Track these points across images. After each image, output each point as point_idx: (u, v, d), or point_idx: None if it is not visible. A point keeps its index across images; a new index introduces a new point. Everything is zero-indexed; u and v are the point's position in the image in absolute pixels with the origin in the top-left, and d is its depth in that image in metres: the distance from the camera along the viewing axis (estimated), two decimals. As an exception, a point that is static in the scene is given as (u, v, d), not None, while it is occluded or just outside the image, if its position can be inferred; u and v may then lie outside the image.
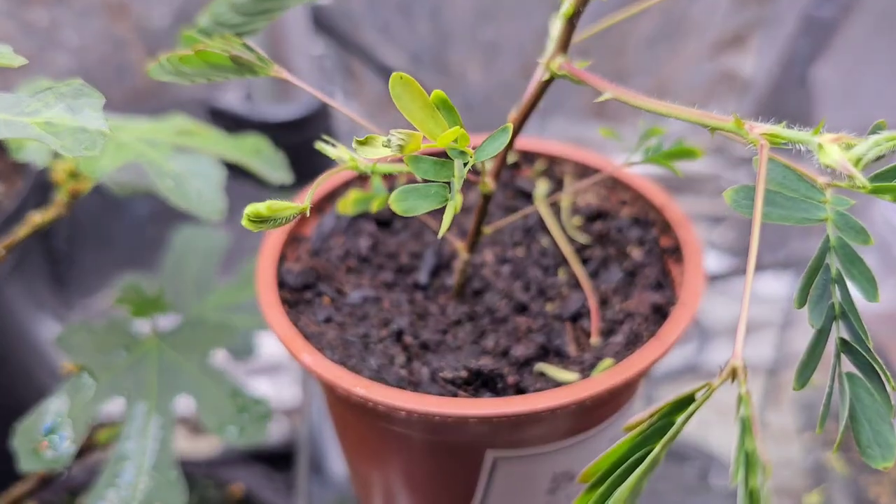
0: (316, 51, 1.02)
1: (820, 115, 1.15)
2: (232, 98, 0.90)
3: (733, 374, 0.27)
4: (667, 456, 0.50)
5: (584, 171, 0.64)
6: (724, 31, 1.13)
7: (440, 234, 0.31)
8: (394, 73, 0.34)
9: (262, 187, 0.70)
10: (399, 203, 0.33)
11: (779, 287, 1.19)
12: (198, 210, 0.56)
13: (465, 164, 0.35)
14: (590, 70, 0.44)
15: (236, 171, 0.67)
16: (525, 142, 0.66)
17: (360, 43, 1.02)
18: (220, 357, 0.71)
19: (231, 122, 0.89)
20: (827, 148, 0.34)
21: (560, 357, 0.52)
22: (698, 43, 1.14)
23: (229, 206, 0.60)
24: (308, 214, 0.37)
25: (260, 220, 0.35)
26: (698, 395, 0.27)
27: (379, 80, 1.04)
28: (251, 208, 0.35)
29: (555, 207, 0.62)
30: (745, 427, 0.25)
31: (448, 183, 0.35)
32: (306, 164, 0.71)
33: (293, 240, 0.59)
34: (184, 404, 0.69)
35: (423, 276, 0.57)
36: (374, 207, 0.54)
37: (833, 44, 1.12)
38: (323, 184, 0.54)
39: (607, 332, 0.53)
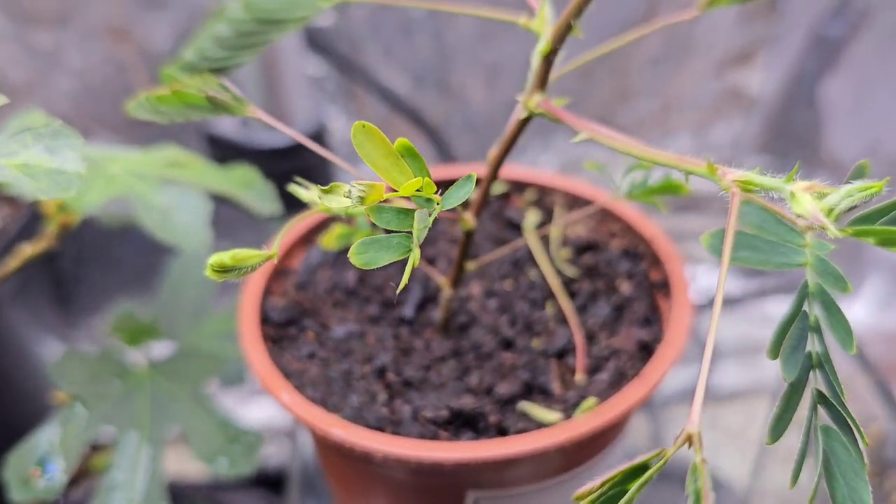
0: (315, 72, 1.02)
1: (828, 133, 1.14)
2: (228, 124, 0.90)
3: (689, 441, 0.26)
4: (670, 480, 0.49)
5: (574, 201, 0.63)
6: (730, 49, 1.12)
7: (399, 289, 0.31)
8: (356, 123, 0.34)
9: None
10: (359, 256, 0.32)
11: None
12: (184, 244, 0.55)
13: (431, 213, 0.35)
14: (593, 89, 0.43)
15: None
16: (516, 171, 0.65)
17: (361, 65, 1.02)
18: (211, 385, 0.71)
19: (227, 149, 0.89)
20: (799, 197, 0.33)
21: (544, 395, 0.51)
22: (704, 61, 1.13)
23: (228, 230, 0.60)
24: (276, 260, 0.37)
25: (223, 270, 0.35)
26: (652, 463, 0.26)
27: (381, 102, 1.04)
28: (215, 259, 0.34)
29: (544, 239, 0.61)
30: (698, 500, 0.25)
31: (411, 233, 0.34)
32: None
33: (280, 273, 0.59)
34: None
35: (408, 310, 0.57)
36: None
37: (841, 61, 1.10)
38: (303, 221, 0.54)
39: (593, 370, 0.52)
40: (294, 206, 0.68)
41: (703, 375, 0.27)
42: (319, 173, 0.95)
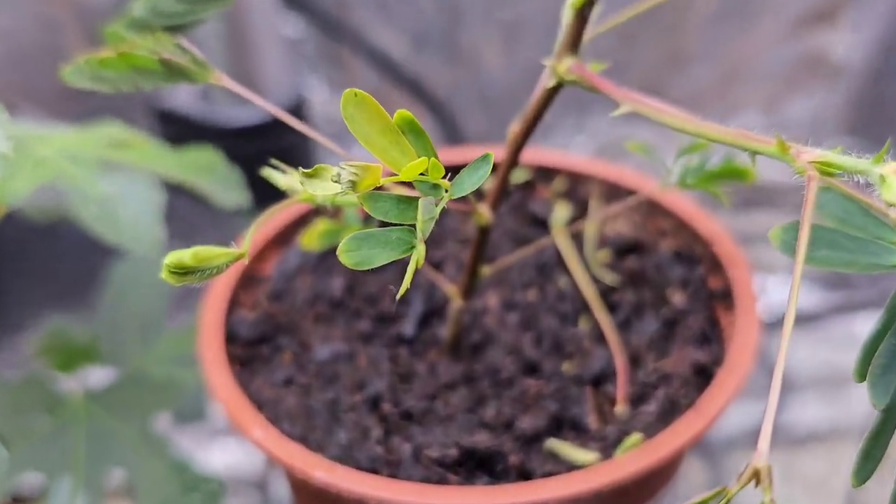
0: (292, 33, 1.03)
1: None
2: (185, 97, 0.91)
3: (756, 478, 0.27)
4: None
5: (614, 191, 0.64)
6: (809, 6, 1.13)
7: (398, 297, 0.31)
8: (346, 91, 0.34)
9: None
10: (350, 254, 0.33)
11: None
12: (130, 243, 0.56)
13: (438, 202, 0.35)
14: (638, 54, 0.44)
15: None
16: (542, 155, 0.66)
17: (348, 23, 1.03)
18: (164, 421, 0.72)
19: (183, 127, 0.90)
20: (890, 182, 0.34)
21: (577, 431, 0.52)
22: (776, 20, 1.14)
23: (185, 227, 0.61)
24: (247, 261, 0.38)
25: (183, 271, 0.35)
26: (712, 505, 0.27)
27: (373, 70, 1.05)
28: (173, 258, 0.35)
29: (577, 238, 0.62)
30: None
31: (414, 226, 0.35)
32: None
33: (249, 280, 0.60)
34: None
35: (409, 326, 0.57)
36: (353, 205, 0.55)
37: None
38: (279, 214, 0.55)
39: (637, 399, 0.53)
40: (266, 197, 0.69)
41: (771, 403, 0.28)
42: (298, 156, 0.96)
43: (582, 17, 0.43)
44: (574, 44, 0.44)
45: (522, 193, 0.66)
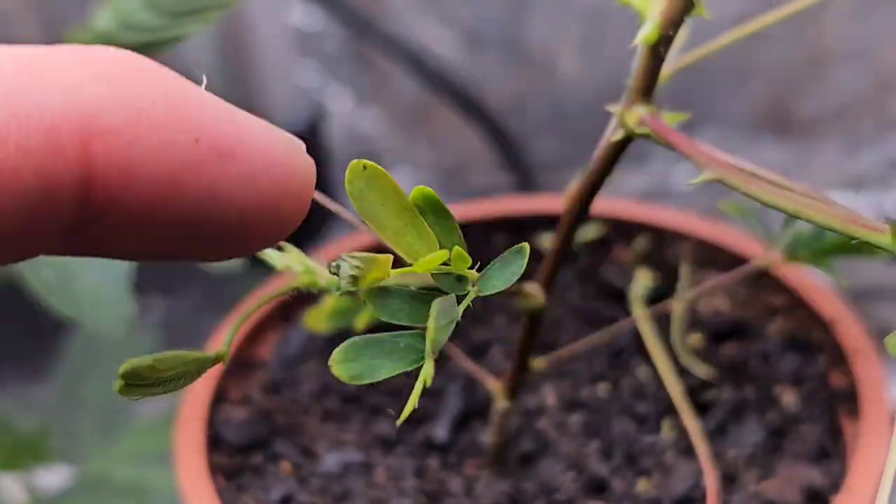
0: (307, 25, 1.05)
1: None
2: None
3: None
4: None
5: (710, 255, 0.66)
6: None
7: (399, 422, 0.34)
8: (352, 164, 0.37)
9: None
10: (345, 366, 0.35)
11: None
12: (92, 318, 0.59)
13: (461, 299, 0.38)
14: (765, 54, 0.46)
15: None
16: (618, 205, 0.68)
17: (380, 15, 1.05)
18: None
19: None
20: None
21: (653, 574, 0.54)
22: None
23: (163, 284, 0.63)
24: (225, 364, 0.40)
25: (141, 382, 0.38)
26: None
27: (412, 75, 1.06)
28: (129, 366, 0.37)
29: (663, 317, 0.64)
30: None
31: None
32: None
33: (240, 367, 0.63)
34: None
35: (441, 430, 0.59)
36: (361, 324, 0.57)
37: None
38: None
39: (732, 533, 0.54)
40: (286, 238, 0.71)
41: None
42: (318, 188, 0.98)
43: (656, 55, 0.46)
44: (647, 88, 0.46)
45: (593, 255, 0.68)
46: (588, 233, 0.68)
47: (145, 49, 0.56)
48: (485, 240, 0.71)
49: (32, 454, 0.75)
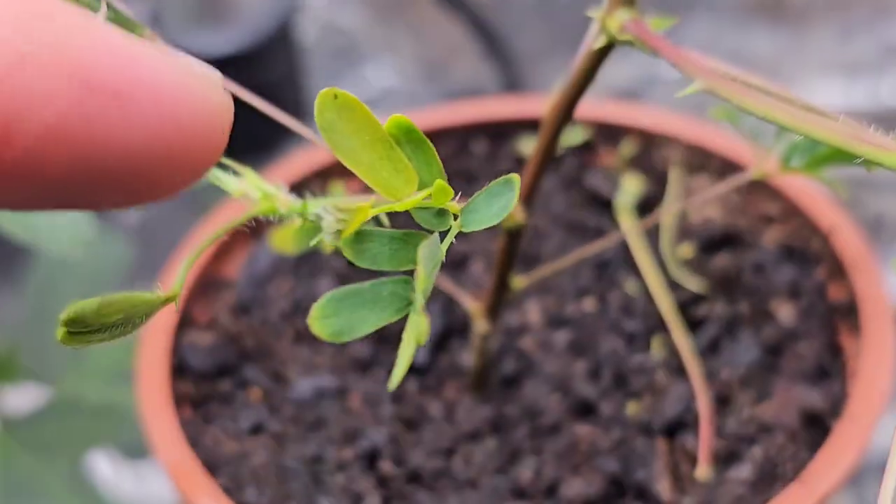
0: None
1: None
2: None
3: None
4: None
5: (701, 159, 0.63)
6: None
7: (392, 386, 0.32)
8: (322, 92, 0.34)
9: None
10: (324, 322, 0.33)
11: None
12: (49, 242, 0.57)
13: (444, 237, 0.35)
14: None
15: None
16: (605, 108, 0.66)
17: None
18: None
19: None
20: None
21: (643, 501, 0.52)
22: None
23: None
24: (177, 306, 0.38)
25: (84, 329, 0.35)
26: None
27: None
28: (71, 312, 0.35)
29: (651, 226, 0.62)
30: None
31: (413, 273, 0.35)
32: (256, 129, 0.72)
33: (206, 287, 0.60)
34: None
35: (419, 351, 0.58)
36: (331, 246, 0.54)
37: None
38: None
39: (725, 459, 0.52)
40: (244, 150, 0.69)
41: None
42: (286, 93, 0.96)
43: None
44: (630, -9, 0.44)
45: (578, 161, 0.66)
46: (572, 137, 0.66)
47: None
48: (465, 146, 0.68)
49: (1, 373, 0.73)
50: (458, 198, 0.35)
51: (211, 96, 0.26)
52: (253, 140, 0.67)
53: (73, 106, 0.22)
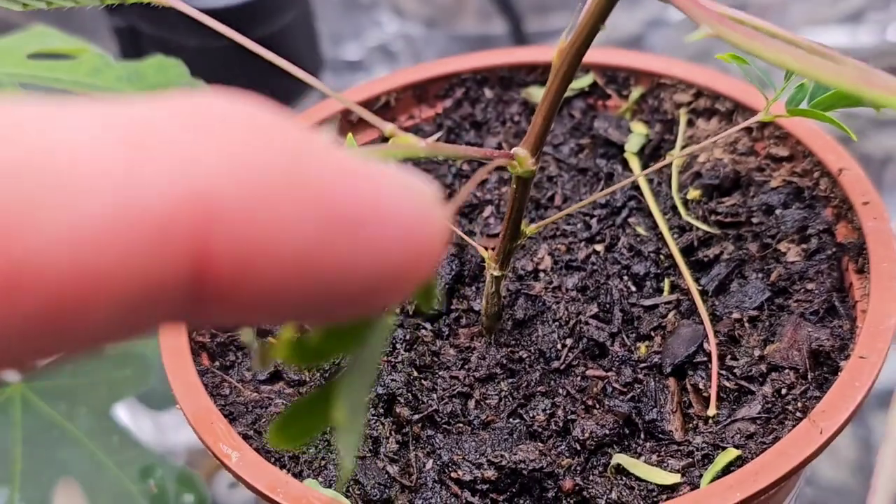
0: None
1: None
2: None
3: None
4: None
5: (710, 104, 0.63)
6: None
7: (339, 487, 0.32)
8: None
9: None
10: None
11: None
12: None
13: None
14: None
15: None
16: (612, 53, 0.66)
17: None
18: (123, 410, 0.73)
19: (138, 19, 0.90)
20: None
21: (655, 439, 0.52)
22: None
23: None
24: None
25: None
26: None
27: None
28: None
29: (660, 170, 0.62)
30: None
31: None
32: (269, 80, 0.72)
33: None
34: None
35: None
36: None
37: None
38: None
39: (734, 398, 0.53)
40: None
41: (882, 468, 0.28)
42: (299, 42, 0.95)
43: None
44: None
45: (586, 105, 0.66)
46: (580, 82, 0.66)
47: None
48: (477, 94, 0.69)
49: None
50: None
51: (432, 216, 0.24)
52: (271, 92, 0.67)
53: (312, 235, 0.21)
